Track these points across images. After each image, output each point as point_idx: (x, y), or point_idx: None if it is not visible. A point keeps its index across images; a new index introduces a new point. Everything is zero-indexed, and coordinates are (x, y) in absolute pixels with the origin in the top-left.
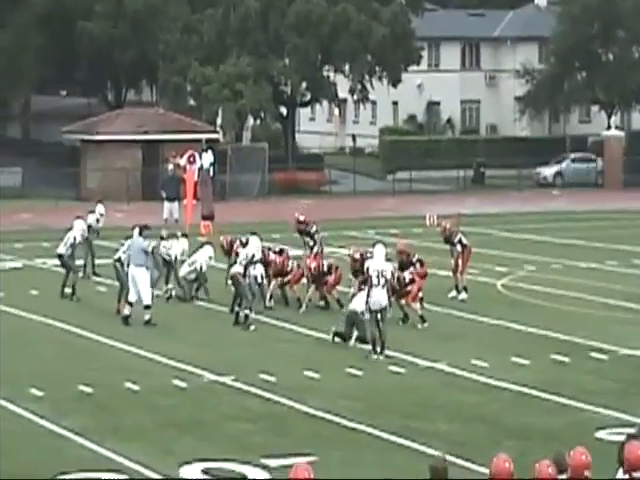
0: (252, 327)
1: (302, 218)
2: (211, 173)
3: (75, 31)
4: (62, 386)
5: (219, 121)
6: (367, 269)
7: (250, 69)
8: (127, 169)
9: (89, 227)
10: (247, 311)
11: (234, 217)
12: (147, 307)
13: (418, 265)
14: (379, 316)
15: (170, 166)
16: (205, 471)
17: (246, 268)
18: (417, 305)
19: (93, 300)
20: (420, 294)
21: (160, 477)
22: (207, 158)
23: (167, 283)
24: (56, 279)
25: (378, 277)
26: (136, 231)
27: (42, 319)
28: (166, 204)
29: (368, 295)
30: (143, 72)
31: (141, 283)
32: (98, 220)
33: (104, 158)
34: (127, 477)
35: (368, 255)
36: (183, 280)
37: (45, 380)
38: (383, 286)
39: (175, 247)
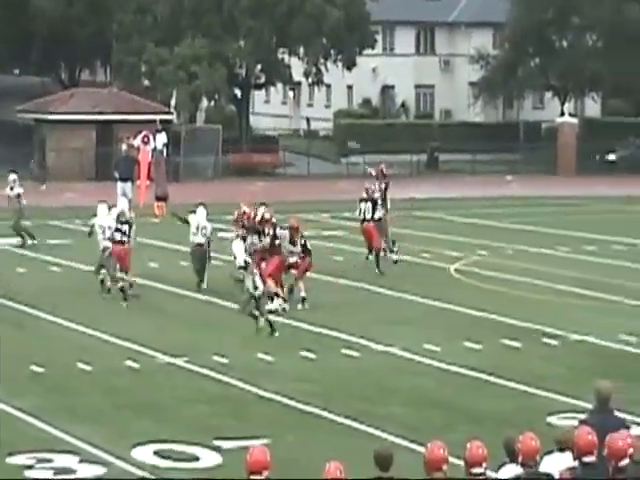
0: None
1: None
2: (164, 154)
3: (29, 9)
4: (14, 366)
5: (173, 102)
6: None
7: (205, 51)
8: (81, 149)
9: None
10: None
11: (188, 198)
12: None
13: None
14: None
15: (124, 146)
16: (157, 452)
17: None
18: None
19: (44, 279)
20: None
21: (113, 458)
22: (160, 139)
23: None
24: (12, 258)
25: None
26: None
27: None
28: (119, 184)
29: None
30: (97, 52)
31: None
32: None
33: (58, 138)
34: (80, 458)
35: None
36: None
37: None
38: None
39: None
